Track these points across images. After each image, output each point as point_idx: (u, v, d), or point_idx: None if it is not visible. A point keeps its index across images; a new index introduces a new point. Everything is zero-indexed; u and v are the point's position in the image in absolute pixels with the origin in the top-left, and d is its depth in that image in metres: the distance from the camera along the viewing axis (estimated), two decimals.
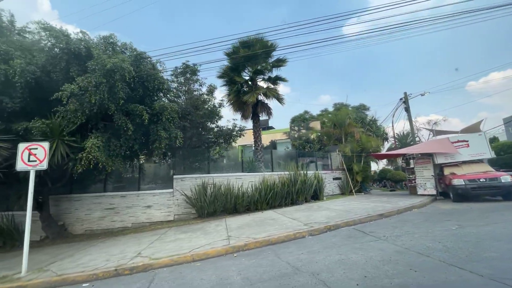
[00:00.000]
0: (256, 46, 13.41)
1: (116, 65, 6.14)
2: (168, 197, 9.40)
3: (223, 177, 10.14)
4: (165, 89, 7.97)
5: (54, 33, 6.75)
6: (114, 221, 8.97)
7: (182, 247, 5.69)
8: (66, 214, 8.97)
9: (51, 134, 6.72)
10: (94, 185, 9.31)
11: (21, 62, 6.45)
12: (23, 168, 5.55)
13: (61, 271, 5.01)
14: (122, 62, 6.25)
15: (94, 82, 6.12)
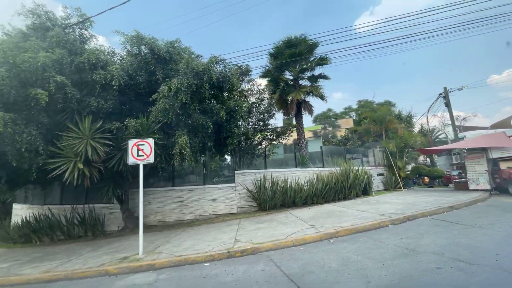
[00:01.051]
0: (298, 46, 13.76)
1: (206, 67, 6.72)
2: (231, 191, 9.96)
3: (279, 172, 10.58)
4: (235, 89, 8.50)
5: (144, 40, 7.41)
6: (184, 213, 9.64)
7: (274, 234, 6.15)
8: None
9: (142, 132, 7.39)
10: (163, 181, 10.03)
11: (118, 67, 7.16)
12: (134, 162, 6.21)
13: (178, 253, 5.61)
14: (211, 65, 6.83)
15: (186, 83, 6.70)
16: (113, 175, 8.11)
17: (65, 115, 7.22)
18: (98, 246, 7.52)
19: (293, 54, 13.37)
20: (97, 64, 7.19)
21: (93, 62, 7.10)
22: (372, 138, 15.78)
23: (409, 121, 17.63)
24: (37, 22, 7.94)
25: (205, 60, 8.23)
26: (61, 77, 6.42)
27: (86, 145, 6.65)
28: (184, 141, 6.84)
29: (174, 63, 7.90)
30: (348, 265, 3.91)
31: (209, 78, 6.93)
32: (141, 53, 7.61)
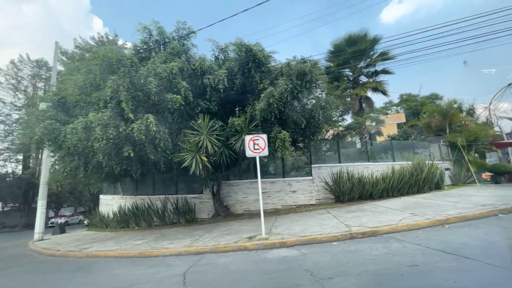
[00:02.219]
0: (359, 43, 13.93)
1: (309, 69, 7.41)
2: (309, 184, 10.61)
3: (353, 166, 10.99)
4: (319, 86, 9.09)
5: (244, 46, 8.28)
6: (267, 203, 10.50)
7: (381, 220, 6.64)
8: (227, 197, 10.79)
9: (244, 129, 8.29)
10: (246, 173, 10.99)
11: (224, 71, 8.12)
12: (251, 155, 7.08)
13: (299, 234, 6.36)
14: (313, 66, 7.52)
15: (291, 84, 7.45)
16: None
17: (178, 115, 8.39)
18: (207, 230, 8.59)
19: (356, 51, 13.60)
20: (206, 70, 8.22)
21: (204, 69, 8.14)
22: (434, 132, 15.40)
23: (471, 114, 16.80)
24: (148, 36, 9.25)
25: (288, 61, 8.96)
26: (184, 83, 7.51)
27: (204, 140, 7.70)
28: (286, 135, 7.59)
29: (265, 65, 8.71)
30: (497, 243, 4.29)
31: (310, 78, 7.60)
32: (241, 57, 8.46)
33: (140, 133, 6.57)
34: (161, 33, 9.02)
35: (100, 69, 6.90)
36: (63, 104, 8.75)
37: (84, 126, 6.75)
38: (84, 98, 8.11)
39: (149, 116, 6.72)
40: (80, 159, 8.09)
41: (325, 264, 4.27)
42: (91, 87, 7.88)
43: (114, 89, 6.43)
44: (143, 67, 7.11)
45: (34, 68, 29.69)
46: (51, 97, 8.61)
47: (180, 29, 8.92)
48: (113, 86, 6.43)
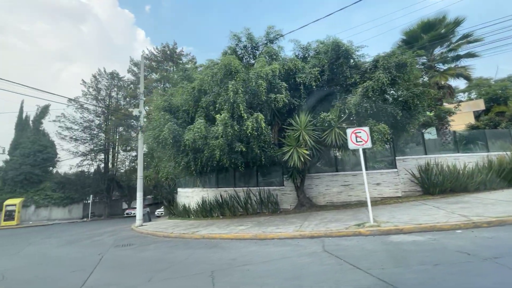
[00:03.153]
0: (437, 27, 13.07)
1: (410, 60, 7.48)
2: (394, 176, 10.52)
3: (441, 157, 10.54)
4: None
5: (335, 43, 8.62)
6: (350, 195, 10.74)
7: (500, 211, 6.42)
8: (309, 189, 11.33)
9: (334, 123, 8.65)
10: (328, 166, 11.38)
11: (318, 69, 8.58)
12: (354, 147, 7.43)
13: (412, 222, 6.55)
14: (410, 58, 7.57)
15: (390, 76, 7.58)
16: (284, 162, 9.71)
17: (278, 113, 9.15)
18: (301, 219, 9.21)
19: (434, 36, 12.82)
20: (299, 69, 8.80)
21: (297, 68, 8.72)
22: None
23: None
24: (236, 43, 10.18)
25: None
26: (284, 83, 8.19)
27: (302, 135, 8.30)
28: (385, 128, 7.73)
29: (354, 59, 8.93)
30: None
31: (410, 69, 7.64)
32: (330, 54, 8.82)
33: (252, 130, 7.42)
34: (250, 38, 9.85)
35: (220, 76, 7.93)
36: (170, 109, 10.24)
37: (204, 126, 7.88)
38: (190, 103, 9.38)
39: (259, 115, 7.54)
40: (189, 155, 9.39)
41: (474, 247, 4.44)
42: (199, 93, 9.09)
43: (234, 92, 7.39)
44: (252, 71, 7.97)
45: (109, 80, 34.24)
46: (162, 104, 10.13)
47: (270, 33, 9.64)
48: (233, 90, 7.39)
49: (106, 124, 33.21)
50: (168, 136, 8.54)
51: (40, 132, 30.76)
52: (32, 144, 28.54)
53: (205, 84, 8.54)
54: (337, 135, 8.60)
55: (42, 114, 31.10)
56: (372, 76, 7.90)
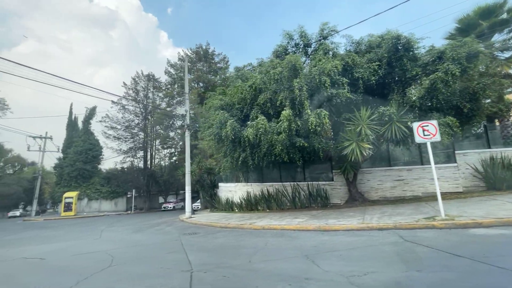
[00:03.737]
0: (497, 12, 12.24)
1: (479, 50, 7.28)
2: (453, 171, 10.21)
3: (507, 151, 9.99)
4: None
5: (395, 37, 8.55)
6: (405, 190, 10.62)
7: None
8: (360, 184, 11.37)
9: (395, 116, 8.61)
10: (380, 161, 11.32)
11: (377, 63, 8.58)
12: (421, 141, 7.39)
13: (491, 216, 6.43)
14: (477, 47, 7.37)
15: (460, 68, 7.40)
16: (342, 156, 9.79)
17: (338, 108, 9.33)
18: (358, 212, 9.33)
19: (494, 22, 12.04)
20: (357, 64, 8.86)
21: (355, 63, 8.79)
22: None
23: None
24: (287, 41, 10.44)
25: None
26: (344, 78, 8.33)
27: (362, 129, 8.40)
28: (453, 121, 7.58)
29: (414, 52, 8.78)
30: None
31: (480, 60, 7.41)
32: (389, 47, 8.76)
33: (316, 125, 7.69)
34: (303, 36, 10.07)
35: (286, 74, 8.29)
36: (226, 107, 10.83)
37: (267, 122, 8.30)
38: (248, 100, 9.85)
39: (322, 111, 7.78)
40: (247, 151, 9.91)
41: None
42: (256, 91, 9.53)
43: (299, 89, 7.71)
44: (314, 68, 8.23)
45: (146, 81, 36.36)
46: (218, 102, 10.75)
47: (324, 29, 9.78)
48: (299, 87, 7.72)
49: (145, 123, 35.40)
50: (230, 133, 9.11)
51: (89, 132, 33.70)
52: (83, 143, 31.42)
53: (267, 82, 8.93)
54: (397, 129, 8.58)
55: (90, 115, 34.00)
56: (438, 68, 7.74)
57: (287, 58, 8.24)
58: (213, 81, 30.25)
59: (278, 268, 4.35)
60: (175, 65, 31.85)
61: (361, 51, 10.11)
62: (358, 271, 3.78)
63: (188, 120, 17.09)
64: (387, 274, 3.64)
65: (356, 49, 10.37)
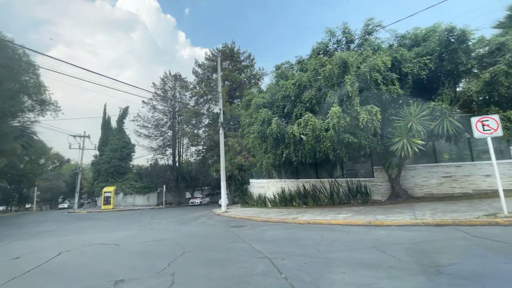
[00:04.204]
0: None
1: None
2: (508, 167, 9.78)
3: None
4: None
5: (449, 29, 8.32)
6: (454, 187, 10.34)
7: None
8: (403, 181, 11.22)
9: (447, 111, 8.41)
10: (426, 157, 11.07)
11: (428, 57, 8.41)
12: (480, 136, 7.21)
13: None
14: None
15: None
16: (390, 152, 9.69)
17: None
18: (406, 208, 9.23)
19: None
20: (406, 59, 8.74)
21: (404, 58, 8.68)
22: None
23: None
24: (329, 38, 10.47)
25: None
26: (393, 74, 8.27)
27: (412, 125, 8.32)
28: None
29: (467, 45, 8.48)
30: None
31: None
32: (443, 41, 8.54)
33: (366, 122, 7.74)
34: (346, 32, 10.07)
35: (336, 71, 8.42)
36: (267, 105, 11.13)
37: (314, 119, 8.47)
38: (292, 98, 10.06)
39: (373, 107, 7.81)
40: (291, 147, 10.15)
41: None
42: (299, 88, 9.71)
43: (351, 85, 7.82)
44: (363, 64, 8.27)
45: (173, 81, 37.77)
46: (261, 100, 11.08)
47: (369, 25, 9.72)
48: (350, 84, 7.83)
49: (173, 122, 36.88)
50: (275, 130, 9.40)
51: (122, 130, 35.81)
52: (118, 141, 33.48)
53: (313, 79, 9.08)
54: (449, 124, 8.39)
55: (124, 114, 36.05)
56: (497, 60, 7.45)
57: (337, 55, 8.33)
58: (239, 79, 30.76)
59: (353, 258, 4.58)
60: (202, 65, 32.75)
61: (405, 45, 9.92)
62: (440, 262, 3.91)
63: (222, 118, 17.65)
64: (471, 266, 3.74)
65: (400, 43, 10.19)
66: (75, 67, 10.13)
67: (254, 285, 3.60)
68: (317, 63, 8.88)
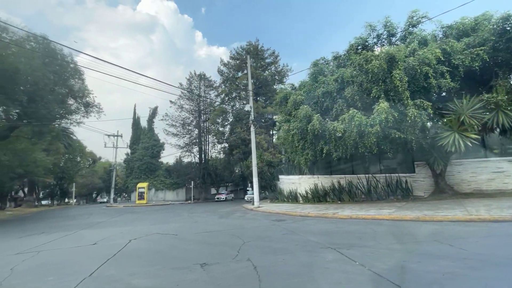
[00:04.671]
0: None
1: None
2: None
3: None
4: None
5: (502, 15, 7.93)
6: (506, 183, 9.89)
7: None
8: (448, 177, 10.90)
9: (503, 103, 8.06)
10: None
11: (483, 48, 8.08)
12: None
13: None
14: None
15: None
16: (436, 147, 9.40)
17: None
18: (456, 204, 8.96)
19: None
20: (456, 51, 8.47)
21: (454, 50, 8.42)
22: None
23: None
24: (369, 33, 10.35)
25: None
26: (444, 67, 8.06)
27: (464, 118, 8.09)
28: None
29: None
30: None
31: None
32: (498, 30, 8.17)
33: (415, 116, 7.65)
34: (388, 26, 9.91)
35: (384, 66, 8.40)
36: (304, 101, 11.29)
37: (360, 115, 8.51)
38: (334, 94, 10.13)
39: (422, 101, 7.71)
40: (331, 143, 10.24)
41: None
42: (340, 84, 9.75)
43: (399, 80, 7.77)
44: (411, 58, 8.17)
45: (198, 81, 38.87)
46: (299, 98, 11.25)
47: (413, 16, 9.51)
48: (399, 78, 7.79)
49: (198, 120, 38.04)
50: (318, 126, 9.55)
51: (152, 129, 37.64)
52: (149, 139, 35.29)
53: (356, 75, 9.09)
54: (504, 116, 8.06)
55: (153, 114, 37.84)
56: None
57: (385, 50, 8.27)
58: (263, 76, 31.01)
59: (419, 249, 4.70)
60: (227, 63, 33.38)
61: (451, 36, 9.56)
62: None
63: (253, 115, 18.04)
64: None
65: (446, 34, 9.84)
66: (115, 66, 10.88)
67: (333, 270, 3.87)
68: (361, 59, 8.85)
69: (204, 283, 3.71)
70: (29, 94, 15.35)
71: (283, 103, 13.10)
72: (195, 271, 4.22)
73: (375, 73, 8.18)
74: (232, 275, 3.99)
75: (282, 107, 13.18)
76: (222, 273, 4.06)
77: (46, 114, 18.55)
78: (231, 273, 4.08)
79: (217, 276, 3.94)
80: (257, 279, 3.70)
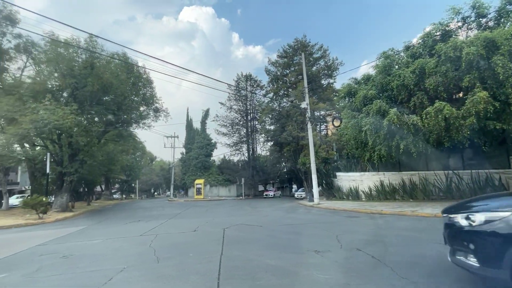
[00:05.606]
0: None
1: None
2: None
3: None
4: None
5: None
6: None
7: None
8: None
9: None
10: None
11: None
12: None
13: None
14: None
15: None
16: None
17: None
18: None
19: None
20: None
21: None
22: None
23: None
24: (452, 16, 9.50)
25: None
26: None
27: None
28: None
29: None
30: None
31: None
32: None
33: None
34: (476, 7, 9.00)
35: (482, 52, 7.77)
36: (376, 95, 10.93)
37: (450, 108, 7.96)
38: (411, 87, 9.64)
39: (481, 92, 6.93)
40: (410, 137, 9.72)
41: None
42: (418, 76, 9.21)
43: (502, 67, 7.09)
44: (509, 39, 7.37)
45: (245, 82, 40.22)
46: (370, 93, 10.96)
47: None
48: (502, 64, 7.11)
49: (247, 120, 39.36)
50: (396, 120, 9.22)
51: (205, 130, 40.43)
52: (202, 139, 38.00)
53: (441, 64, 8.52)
54: None
55: (206, 115, 40.57)
56: None
57: (482, 35, 7.55)
58: (312, 72, 30.52)
59: None
60: (275, 62, 33.77)
61: None
62: None
63: (309, 113, 18.06)
64: None
65: None
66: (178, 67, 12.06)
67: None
68: (449, 47, 8.15)
69: (332, 266, 4.08)
70: (117, 104, 18.07)
71: (349, 98, 12.87)
72: (314, 256, 4.63)
73: (471, 60, 7.49)
74: (354, 260, 4.27)
75: (347, 102, 12.97)
76: (343, 259, 4.38)
77: (126, 120, 21.55)
78: (351, 259, 4.37)
79: (340, 262, 4.27)
80: (383, 265, 3.92)
